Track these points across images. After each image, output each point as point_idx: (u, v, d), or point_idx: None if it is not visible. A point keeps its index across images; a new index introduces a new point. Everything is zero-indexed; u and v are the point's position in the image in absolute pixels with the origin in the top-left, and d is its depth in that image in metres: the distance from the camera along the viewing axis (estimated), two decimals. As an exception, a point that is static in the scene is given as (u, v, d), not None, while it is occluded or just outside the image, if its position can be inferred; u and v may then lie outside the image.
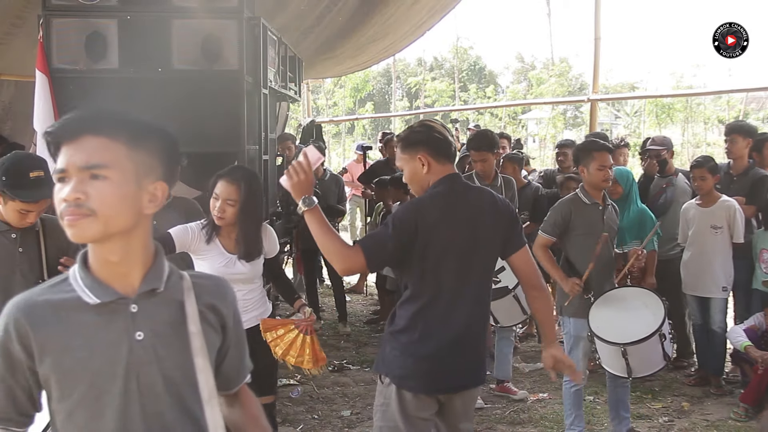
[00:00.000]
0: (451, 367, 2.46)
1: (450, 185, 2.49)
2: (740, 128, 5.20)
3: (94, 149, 1.25)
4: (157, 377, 1.33)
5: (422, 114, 21.78)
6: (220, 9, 4.37)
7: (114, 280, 1.31)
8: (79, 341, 1.28)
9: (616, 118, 24.05)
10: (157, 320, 1.34)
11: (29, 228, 2.76)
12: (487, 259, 2.56)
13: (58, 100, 4.27)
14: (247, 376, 1.59)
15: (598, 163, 3.70)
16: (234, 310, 1.49)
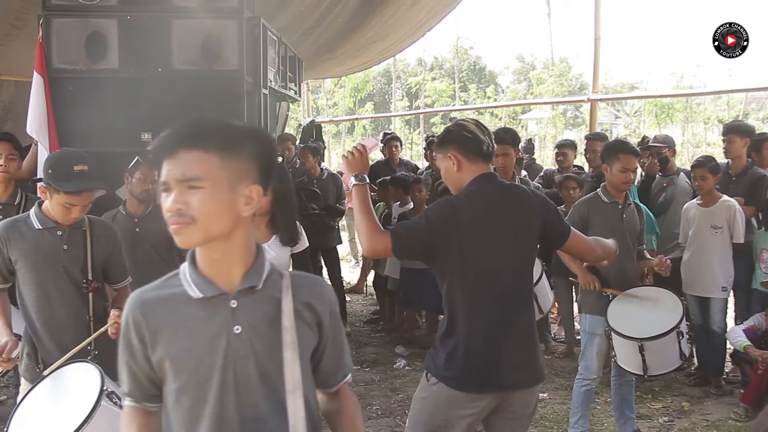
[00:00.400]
0: (500, 366, 2.42)
1: (484, 184, 2.48)
2: (737, 128, 5.21)
3: (189, 163, 1.36)
4: (252, 370, 1.43)
5: (422, 114, 21.82)
6: (220, 9, 4.37)
7: (217, 277, 1.43)
8: (185, 332, 1.41)
9: (616, 118, 24.03)
10: (254, 316, 1.44)
11: (77, 227, 2.82)
12: (526, 255, 2.55)
13: (58, 101, 4.27)
14: (348, 376, 1.66)
15: (622, 165, 3.70)
16: (331, 310, 1.56)
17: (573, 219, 3.81)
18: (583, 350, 3.87)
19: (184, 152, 1.36)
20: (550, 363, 5.55)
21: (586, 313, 3.84)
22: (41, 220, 2.77)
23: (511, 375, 2.44)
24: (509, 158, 4.58)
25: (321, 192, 6.15)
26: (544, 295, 4.41)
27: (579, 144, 7.65)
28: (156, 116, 4.35)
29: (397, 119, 20.87)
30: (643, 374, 3.64)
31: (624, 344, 3.61)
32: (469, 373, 2.40)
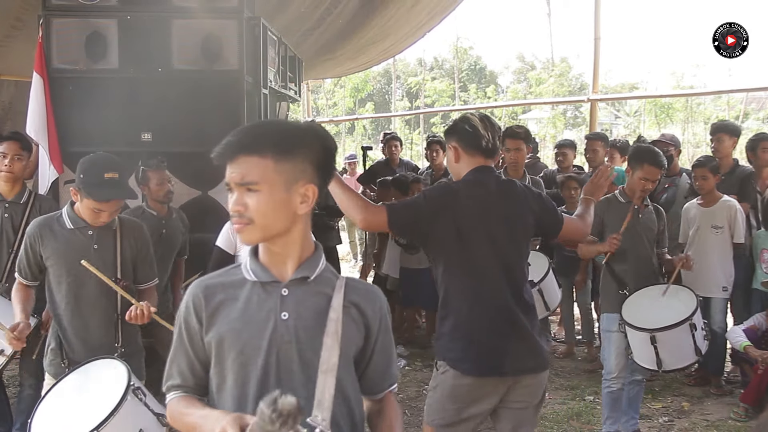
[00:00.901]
0: (501, 350, 2.46)
1: (481, 176, 2.58)
2: (726, 127, 5.29)
3: (247, 168, 1.46)
4: (294, 356, 1.49)
5: (422, 114, 21.81)
6: (220, 9, 4.37)
7: (273, 266, 1.53)
8: (236, 314, 1.50)
9: (616, 118, 24.03)
10: (302, 305, 1.52)
11: (107, 227, 2.87)
12: (520, 248, 2.63)
13: (58, 101, 4.27)
14: (394, 385, 1.71)
15: (645, 174, 3.72)
16: (381, 317, 1.62)
17: None
18: (602, 350, 3.95)
19: (243, 157, 1.46)
20: (550, 363, 5.55)
21: (603, 312, 3.90)
22: (73, 220, 2.83)
23: (515, 361, 2.47)
24: (521, 153, 4.63)
25: (321, 192, 6.16)
26: (551, 292, 4.39)
27: (579, 144, 7.66)
28: (156, 116, 4.35)
29: (397, 119, 20.88)
30: (658, 369, 3.65)
31: (638, 338, 3.63)
32: (472, 355, 2.46)
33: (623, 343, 3.73)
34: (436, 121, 23.80)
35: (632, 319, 3.65)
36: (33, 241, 2.83)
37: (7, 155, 3.74)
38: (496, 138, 2.62)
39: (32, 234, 2.84)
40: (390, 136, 7.60)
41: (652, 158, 3.74)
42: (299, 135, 1.51)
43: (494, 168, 2.68)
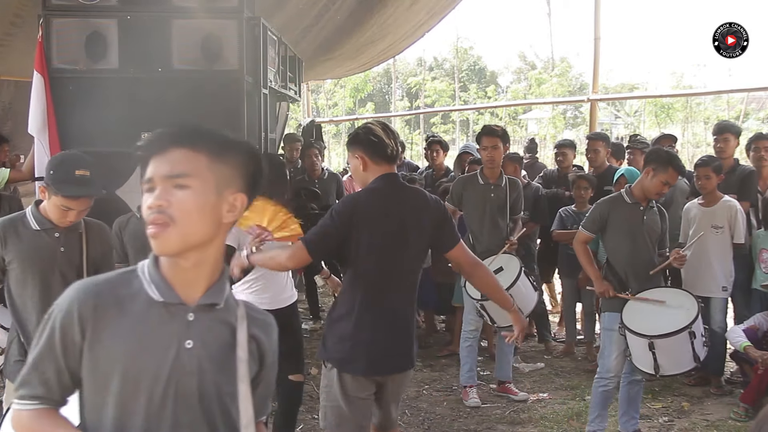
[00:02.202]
0: (385, 351, 2.68)
1: (385, 183, 2.71)
2: (732, 127, 5.32)
3: (178, 160, 1.32)
4: (194, 389, 1.35)
5: (422, 114, 21.80)
6: (220, 9, 4.37)
7: (180, 285, 1.36)
8: (134, 335, 1.32)
9: (616, 118, 24.03)
10: (209, 334, 1.37)
11: (73, 229, 2.81)
12: (416, 253, 2.77)
13: (58, 101, 4.27)
14: (266, 415, 1.60)
15: (668, 178, 3.70)
16: (274, 349, 1.52)
17: (593, 216, 3.87)
18: (602, 348, 3.93)
19: (175, 149, 1.33)
20: (550, 363, 5.55)
21: (604, 311, 3.88)
22: (39, 221, 2.76)
23: (391, 361, 2.72)
24: (498, 151, 4.66)
25: (321, 192, 6.16)
26: (522, 296, 4.31)
27: (579, 144, 7.66)
28: (156, 116, 4.34)
29: (397, 119, 20.87)
30: (655, 374, 3.65)
31: (636, 342, 3.62)
32: (356, 357, 2.65)
33: (623, 344, 3.72)
34: (436, 121, 23.81)
35: (632, 323, 3.63)
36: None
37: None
38: (397, 144, 2.78)
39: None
40: None
41: (678, 163, 3.77)
42: (235, 143, 1.41)
43: (398, 174, 2.83)
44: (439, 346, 5.96)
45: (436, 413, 4.57)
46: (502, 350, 4.84)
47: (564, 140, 7.04)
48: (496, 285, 2.98)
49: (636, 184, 3.86)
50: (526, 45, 75.12)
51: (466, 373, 4.72)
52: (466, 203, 4.73)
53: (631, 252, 3.79)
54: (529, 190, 5.64)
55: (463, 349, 4.74)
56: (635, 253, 3.79)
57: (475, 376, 4.77)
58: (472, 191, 4.70)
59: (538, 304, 5.65)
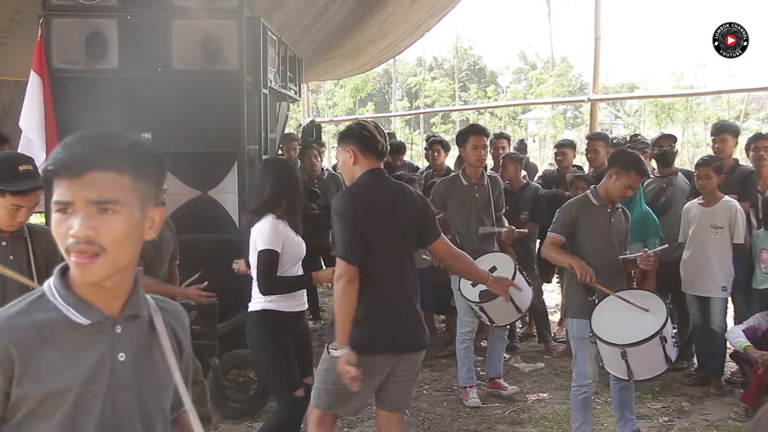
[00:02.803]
0: (398, 332, 2.85)
1: (373, 177, 2.87)
2: (729, 127, 5.31)
3: (104, 185, 1.22)
4: (132, 400, 1.33)
5: (422, 114, 21.79)
6: (220, 9, 4.38)
7: (101, 302, 1.30)
8: (65, 361, 1.26)
9: (616, 118, 24.05)
10: (137, 343, 1.34)
11: (18, 236, 2.77)
12: (408, 243, 2.94)
13: (58, 101, 4.27)
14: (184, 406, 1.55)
15: (630, 181, 3.66)
16: (188, 337, 1.50)
17: (564, 219, 3.77)
18: (575, 356, 3.83)
19: (97, 173, 1.22)
20: (550, 363, 5.55)
21: (572, 318, 3.79)
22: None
23: (403, 340, 2.87)
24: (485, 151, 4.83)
25: (321, 192, 6.16)
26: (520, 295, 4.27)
27: (579, 144, 7.66)
28: (156, 116, 4.35)
29: (397, 119, 20.87)
30: (629, 379, 3.62)
31: (608, 350, 3.58)
32: (369, 337, 2.78)
33: (595, 350, 3.67)
34: (436, 121, 23.81)
35: (602, 332, 3.57)
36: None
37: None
38: (387, 142, 2.92)
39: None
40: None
41: (640, 166, 3.69)
42: (149, 152, 1.33)
43: (384, 170, 2.97)
44: (439, 346, 5.95)
45: (436, 413, 4.57)
46: (495, 348, 4.85)
47: (564, 140, 7.04)
48: (472, 266, 3.19)
49: (601, 186, 3.79)
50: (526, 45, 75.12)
51: (465, 374, 4.72)
52: (450, 205, 4.73)
53: (599, 254, 3.72)
54: (528, 190, 5.64)
55: (460, 351, 4.74)
56: (604, 255, 3.73)
57: (474, 377, 4.77)
58: (457, 192, 4.71)
59: (539, 304, 5.66)
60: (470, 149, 4.69)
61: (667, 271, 4.81)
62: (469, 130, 4.75)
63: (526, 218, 5.51)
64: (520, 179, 5.67)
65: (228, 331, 4.40)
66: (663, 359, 3.57)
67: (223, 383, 4.27)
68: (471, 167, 4.72)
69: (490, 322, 4.47)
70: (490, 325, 4.59)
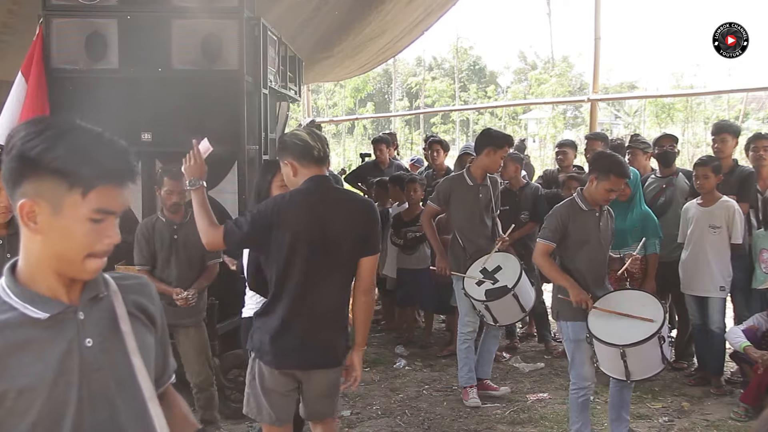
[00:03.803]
0: (301, 346, 2.73)
1: (311, 185, 2.75)
2: (729, 127, 5.30)
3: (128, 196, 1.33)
4: (108, 381, 1.33)
5: (422, 114, 21.81)
6: (220, 9, 4.37)
7: (59, 291, 1.31)
8: (31, 356, 1.26)
9: (616, 117, 24.04)
10: (101, 325, 1.35)
11: (14, 233, 2.73)
12: (341, 253, 2.76)
13: (58, 101, 4.27)
14: (172, 376, 1.60)
15: (611, 185, 3.63)
16: (160, 307, 1.51)
17: (554, 225, 3.74)
18: (572, 359, 3.81)
19: (130, 185, 1.32)
20: (550, 363, 5.55)
21: (567, 321, 3.75)
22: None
23: (305, 357, 2.75)
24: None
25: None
26: (525, 294, 4.43)
27: (579, 144, 7.65)
28: (156, 116, 4.35)
29: (397, 119, 20.88)
30: (626, 379, 3.63)
31: (606, 350, 3.58)
32: (271, 350, 2.72)
33: (591, 351, 3.67)
34: (436, 121, 23.82)
35: (600, 333, 3.56)
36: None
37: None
38: (325, 146, 2.81)
39: None
40: (375, 138, 7.62)
41: (619, 169, 3.64)
42: None
43: (328, 177, 2.85)
44: (439, 346, 5.95)
45: (436, 413, 4.57)
46: (488, 349, 4.85)
47: (565, 140, 7.04)
48: (367, 319, 2.95)
49: (585, 190, 3.77)
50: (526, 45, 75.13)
51: (465, 374, 4.72)
52: (454, 204, 4.72)
53: (589, 258, 3.72)
54: (528, 190, 5.64)
55: (461, 351, 4.74)
56: (593, 259, 3.73)
57: (474, 377, 4.77)
58: (462, 192, 4.69)
59: (539, 304, 5.66)
60: (498, 157, 4.67)
61: (667, 271, 4.82)
62: (504, 139, 4.70)
63: (526, 218, 5.51)
64: (520, 179, 5.67)
65: (228, 331, 4.40)
66: (660, 359, 3.59)
67: (223, 383, 4.28)
68: (483, 170, 4.71)
69: (494, 321, 4.47)
70: (493, 325, 4.60)
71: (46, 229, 1.27)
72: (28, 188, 1.25)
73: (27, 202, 1.25)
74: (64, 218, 1.25)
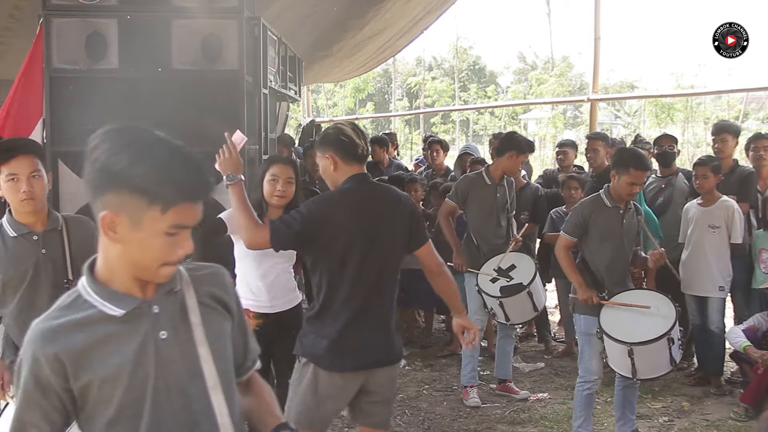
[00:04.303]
0: (363, 347, 2.66)
1: (356, 183, 2.70)
2: (730, 127, 5.30)
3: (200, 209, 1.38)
4: (181, 372, 1.40)
5: (422, 114, 21.81)
6: (220, 9, 4.37)
7: (134, 288, 1.39)
8: (111, 349, 1.36)
9: (615, 117, 24.04)
10: (174, 318, 1.42)
11: (51, 228, 2.75)
12: (392, 251, 2.75)
13: (58, 101, 4.28)
14: (257, 362, 1.63)
15: (632, 179, 3.66)
16: (235, 295, 1.56)
17: (576, 220, 3.81)
18: (581, 352, 3.86)
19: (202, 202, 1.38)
20: (550, 363, 5.56)
21: (580, 314, 3.82)
22: (15, 227, 2.69)
23: (371, 355, 2.68)
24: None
25: (322, 192, 6.16)
26: (539, 293, 4.50)
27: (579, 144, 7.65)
28: (156, 116, 4.34)
29: (397, 119, 20.89)
30: (632, 377, 3.64)
31: (614, 346, 3.60)
32: (333, 353, 2.63)
33: (600, 346, 3.70)
34: (436, 121, 23.82)
35: (610, 329, 3.60)
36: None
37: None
38: (368, 144, 2.77)
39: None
40: (371, 138, 7.61)
41: (638, 162, 3.68)
42: None
43: (368, 174, 2.81)
44: (439, 346, 5.96)
45: (436, 413, 4.57)
46: (504, 349, 4.84)
47: (565, 140, 7.04)
48: (455, 290, 2.99)
49: (611, 186, 3.81)
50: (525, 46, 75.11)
51: (468, 374, 4.72)
52: (471, 202, 4.72)
53: (610, 255, 3.75)
54: (528, 190, 5.64)
55: (466, 350, 4.73)
56: (614, 256, 3.76)
57: (476, 376, 4.77)
58: (480, 190, 4.69)
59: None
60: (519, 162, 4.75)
61: (668, 271, 4.81)
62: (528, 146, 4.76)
63: (526, 218, 5.50)
64: (520, 179, 5.67)
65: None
66: (668, 360, 3.60)
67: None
68: (502, 172, 4.71)
69: (506, 319, 4.49)
70: (505, 323, 4.61)
71: (125, 240, 1.33)
72: (110, 200, 1.31)
73: (108, 215, 1.31)
74: (142, 232, 1.32)
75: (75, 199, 4.19)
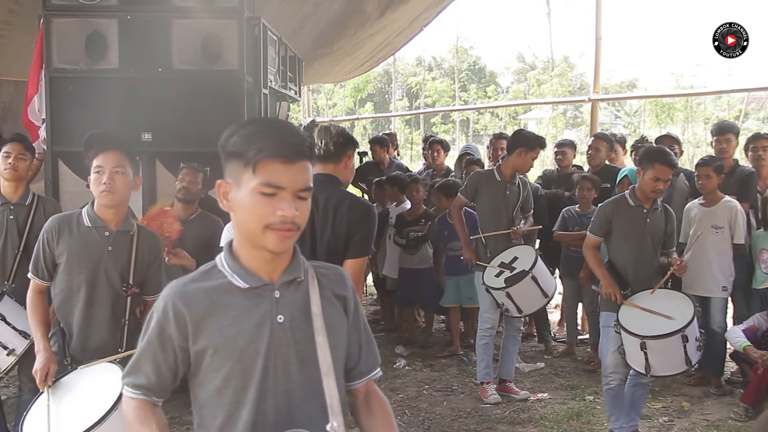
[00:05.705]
0: None
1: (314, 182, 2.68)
2: (733, 128, 5.32)
3: (308, 174, 1.45)
4: (292, 357, 1.48)
5: (422, 114, 21.81)
6: (220, 9, 4.38)
7: (262, 270, 1.49)
8: (229, 321, 1.46)
9: (616, 117, 24.05)
10: (294, 306, 1.50)
11: (125, 231, 2.85)
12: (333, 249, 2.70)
13: (58, 101, 4.28)
14: (373, 372, 1.65)
15: (656, 173, 3.70)
16: (354, 296, 1.63)
17: (599, 219, 3.89)
18: (601, 346, 3.97)
19: (302, 162, 1.44)
20: (550, 363, 5.55)
21: (603, 311, 3.91)
22: (92, 219, 2.81)
23: None
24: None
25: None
26: (546, 278, 4.48)
27: (579, 144, 7.65)
28: (156, 116, 4.35)
29: (397, 119, 20.89)
30: (646, 373, 3.66)
31: (629, 340, 3.65)
32: None
33: (619, 341, 3.75)
34: (436, 121, 23.83)
35: (626, 322, 3.65)
36: (50, 236, 2.79)
37: (11, 155, 3.70)
38: (329, 143, 2.71)
39: (50, 229, 2.80)
40: (370, 139, 7.62)
41: (663, 157, 3.73)
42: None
43: (333, 176, 2.76)
44: (439, 346, 5.96)
45: (436, 413, 4.57)
46: (508, 348, 4.84)
47: (564, 140, 7.02)
48: None
49: (637, 185, 3.88)
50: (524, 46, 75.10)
51: (483, 370, 4.73)
52: (481, 199, 4.72)
53: (634, 254, 3.81)
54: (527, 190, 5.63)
55: (480, 347, 4.74)
56: (638, 256, 3.81)
57: (491, 373, 4.77)
58: (490, 187, 4.68)
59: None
60: (530, 159, 4.70)
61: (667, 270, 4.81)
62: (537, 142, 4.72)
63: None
64: (519, 179, 5.66)
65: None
66: (683, 359, 3.61)
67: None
68: (513, 169, 4.70)
69: (519, 311, 4.48)
70: (519, 316, 4.61)
71: (233, 205, 1.46)
72: (225, 172, 1.48)
73: (221, 183, 1.48)
74: (241, 191, 1.43)
75: (75, 199, 4.19)
